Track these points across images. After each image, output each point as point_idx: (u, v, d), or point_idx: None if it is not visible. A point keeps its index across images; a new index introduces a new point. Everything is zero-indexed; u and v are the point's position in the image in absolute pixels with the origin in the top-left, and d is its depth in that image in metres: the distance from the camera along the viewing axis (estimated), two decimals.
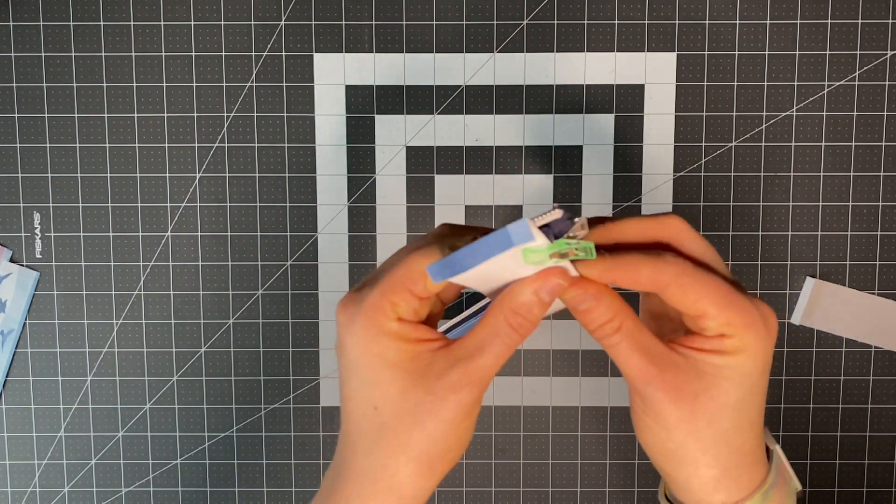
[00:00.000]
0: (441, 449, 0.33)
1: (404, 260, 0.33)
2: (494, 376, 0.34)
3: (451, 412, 0.32)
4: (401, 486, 0.33)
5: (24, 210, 0.55)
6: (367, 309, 0.32)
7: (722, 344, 0.32)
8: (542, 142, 0.55)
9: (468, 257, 0.30)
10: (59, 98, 0.55)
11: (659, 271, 0.32)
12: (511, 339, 0.32)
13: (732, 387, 0.33)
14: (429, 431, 0.32)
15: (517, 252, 0.30)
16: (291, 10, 0.54)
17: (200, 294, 0.56)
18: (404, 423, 0.32)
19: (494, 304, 0.33)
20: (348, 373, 0.34)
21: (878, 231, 0.56)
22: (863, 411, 0.57)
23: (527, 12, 0.54)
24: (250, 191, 0.56)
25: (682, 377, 0.32)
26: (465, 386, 0.32)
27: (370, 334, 0.32)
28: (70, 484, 0.57)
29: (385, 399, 0.33)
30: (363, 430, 0.34)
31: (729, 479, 0.34)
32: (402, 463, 0.33)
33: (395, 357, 0.32)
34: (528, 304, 0.32)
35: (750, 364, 0.33)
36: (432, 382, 0.32)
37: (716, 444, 0.33)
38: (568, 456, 0.57)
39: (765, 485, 0.35)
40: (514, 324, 0.32)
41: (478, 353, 0.32)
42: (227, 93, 0.55)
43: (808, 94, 0.55)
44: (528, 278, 0.32)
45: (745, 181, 0.55)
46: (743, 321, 0.32)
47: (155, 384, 0.57)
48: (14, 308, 0.56)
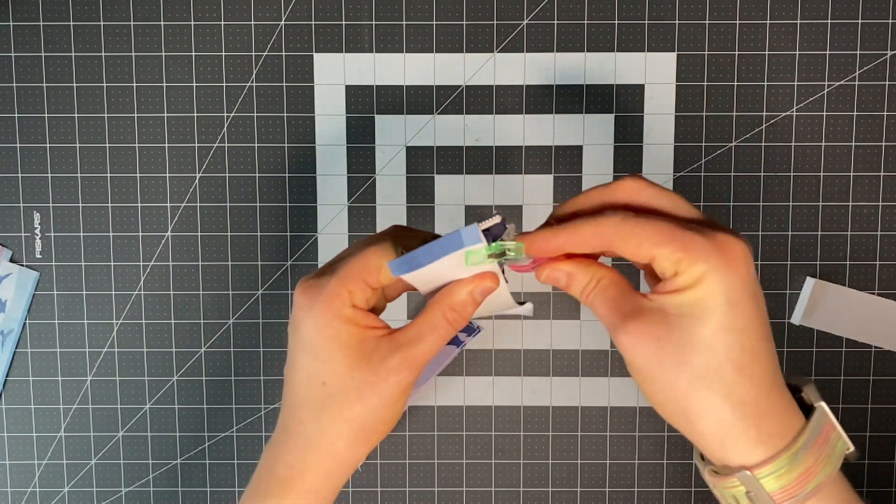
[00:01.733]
0: (377, 421, 0.37)
1: (361, 253, 0.37)
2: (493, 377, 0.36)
3: (390, 390, 0.36)
4: (338, 451, 0.37)
5: (24, 210, 0.55)
6: (327, 295, 0.36)
7: (676, 282, 0.32)
8: (542, 142, 0.55)
9: (424, 256, 0.34)
10: (59, 98, 0.55)
11: (599, 225, 0.33)
12: (446, 331, 0.37)
13: (697, 324, 0.32)
14: (369, 404, 0.36)
15: (461, 254, 0.34)
16: (291, 10, 0.54)
17: (200, 294, 0.56)
18: (349, 397, 0.37)
19: (433, 300, 0.37)
20: (301, 350, 0.37)
21: (878, 231, 0.56)
22: (863, 411, 0.57)
23: (527, 12, 0.54)
24: (250, 191, 0.56)
25: (648, 322, 0.32)
26: (404, 369, 0.36)
27: (327, 318, 0.36)
28: (70, 484, 0.57)
29: (333, 375, 0.36)
30: (309, 400, 0.37)
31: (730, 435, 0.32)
32: (343, 431, 0.37)
33: (347, 339, 0.36)
34: (463, 302, 0.37)
35: (712, 297, 0.32)
36: (376, 364, 0.36)
37: (696, 390, 0.32)
38: (568, 456, 0.57)
39: (795, 444, 0.32)
40: (450, 318, 0.37)
41: (417, 342, 0.37)
42: (227, 93, 0.55)
43: (808, 94, 0.55)
44: (465, 280, 0.36)
45: (745, 181, 0.55)
46: (690, 255, 0.32)
47: (155, 384, 0.57)
48: (14, 308, 0.56)
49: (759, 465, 0.32)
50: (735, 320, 0.32)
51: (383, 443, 0.57)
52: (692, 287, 0.32)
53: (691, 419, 0.33)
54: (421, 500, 0.57)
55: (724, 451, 0.33)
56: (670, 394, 0.33)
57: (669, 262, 0.32)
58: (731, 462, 0.33)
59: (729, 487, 0.33)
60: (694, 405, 0.32)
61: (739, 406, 0.32)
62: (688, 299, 0.32)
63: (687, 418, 0.33)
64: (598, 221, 0.33)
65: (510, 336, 0.56)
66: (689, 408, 0.32)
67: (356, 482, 0.57)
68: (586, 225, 0.33)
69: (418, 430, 0.57)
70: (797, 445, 0.32)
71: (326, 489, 0.38)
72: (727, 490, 0.33)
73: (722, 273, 0.32)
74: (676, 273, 0.32)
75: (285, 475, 0.38)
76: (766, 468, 0.32)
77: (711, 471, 0.34)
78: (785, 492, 0.32)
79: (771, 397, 0.33)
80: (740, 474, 0.32)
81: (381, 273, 0.36)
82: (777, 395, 0.33)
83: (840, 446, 0.34)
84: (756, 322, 0.32)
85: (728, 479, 0.33)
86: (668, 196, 0.35)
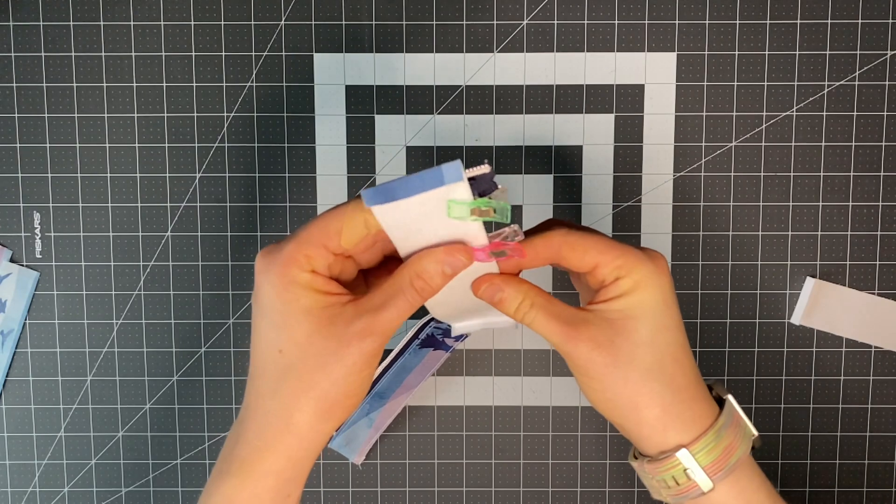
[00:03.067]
0: (340, 393, 0.35)
1: (321, 217, 0.36)
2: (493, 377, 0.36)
3: (354, 357, 0.35)
4: (300, 427, 0.36)
5: (24, 210, 0.55)
6: (283, 259, 0.35)
7: (618, 287, 0.37)
8: (542, 142, 0.55)
9: (400, 188, 0.32)
10: (59, 98, 0.55)
11: (548, 238, 0.37)
12: (413, 298, 0.35)
13: (640, 324, 0.37)
14: (331, 374, 0.35)
15: (443, 201, 0.32)
16: (291, 10, 0.54)
17: (200, 294, 0.56)
18: (308, 365, 0.35)
19: (402, 266, 0.36)
20: (259, 317, 0.36)
21: (878, 231, 0.56)
22: (863, 411, 0.57)
23: (527, 12, 0.54)
24: (250, 191, 0.56)
25: (596, 329, 0.37)
26: (368, 335, 0.35)
27: (283, 282, 0.35)
28: (70, 484, 0.57)
29: (291, 342, 0.35)
30: (268, 372, 0.36)
31: (671, 416, 0.37)
32: (304, 404, 0.35)
33: (306, 304, 0.35)
34: (431, 272, 0.35)
35: (649, 298, 0.37)
36: (339, 330, 0.35)
37: (646, 381, 0.37)
38: (568, 456, 0.57)
39: (717, 423, 0.38)
40: (417, 286, 0.35)
41: (383, 308, 0.35)
42: (227, 93, 0.55)
43: (808, 94, 0.55)
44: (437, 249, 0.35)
45: (745, 181, 0.55)
46: (629, 261, 0.36)
47: (155, 384, 0.57)
48: (14, 308, 0.56)
49: (692, 442, 0.37)
50: (669, 319, 0.37)
51: (384, 442, 0.57)
52: (634, 290, 0.36)
53: (640, 408, 0.37)
54: (421, 500, 0.57)
55: (666, 434, 0.37)
56: (621, 390, 0.37)
57: (611, 268, 0.37)
58: (670, 443, 0.38)
59: (669, 469, 0.38)
60: (644, 396, 0.37)
61: (678, 392, 0.37)
62: (630, 302, 0.37)
63: (636, 409, 0.37)
64: (548, 235, 0.37)
65: (510, 336, 0.56)
66: (640, 399, 0.37)
67: (356, 482, 0.57)
68: (536, 239, 0.37)
69: (418, 430, 0.57)
70: (719, 424, 0.38)
71: (289, 470, 0.37)
72: (668, 472, 0.38)
73: (656, 278, 0.37)
74: (618, 278, 0.37)
75: (244, 454, 0.36)
76: (698, 444, 0.37)
77: (649, 461, 0.39)
78: (715, 464, 0.37)
79: (697, 386, 0.38)
80: (680, 452, 0.37)
81: (343, 237, 0.35)
82: (700, 384, 0.39)
83: (747, 431, 0.40)
84: (680, 321, 0.38)
85: (668, 461, 0.38)
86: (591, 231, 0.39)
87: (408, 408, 0.57)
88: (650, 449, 0.39)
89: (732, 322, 0.56)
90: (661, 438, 0.38)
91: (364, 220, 0.35)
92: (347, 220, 0.35)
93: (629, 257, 0.37)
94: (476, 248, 0.35)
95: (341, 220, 0.35)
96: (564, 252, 0.37)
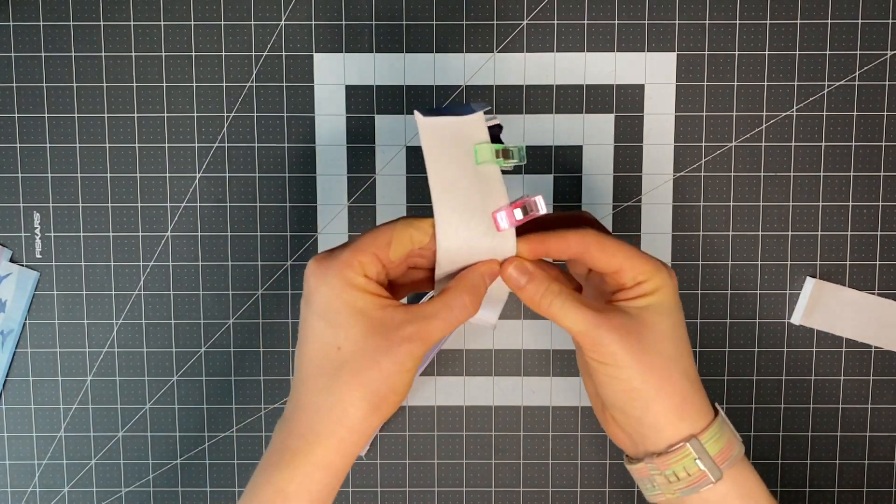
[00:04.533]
0: (389, 389, 0.38)
1: (373, 230, 0.39)
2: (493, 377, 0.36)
3: (403, 356, 0.38)
4: (350, 418, 0.38)
5: (24, 210, 0.55)
6: (340, 264, 0.38)
7: (641, 288, 0.39)
8: (542, 142, 0.55)
9: (443, 111, 0.39)
10: (59, 98, 0.55)
11: (582, 235, 0.39)
12: (461, 313, 0.39)
13: (662, 319, 0.39)
14: (383, 370, 0.37)
15: (470, 147, 0.38)
16: (291, 10, 0.54)
17: (200, 294, 0.56)
18: (362, 362, 0.38)
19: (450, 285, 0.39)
20: (315, 318, 0.39)
21: (878, 231, 0.56)
22: (863, 411, 0.57)
23: (527, 12, 0.54)
24: (250, 191, 0.56)
25: (623, 319, 0.39)
26: (417, 339, 0.38)
27: (341, 284, 0.38)
28: (70, 484, 0.57)
29: (349, 339, 0.38)
30: (323, 368, 0.38)
31: (689, 405, 0.39)
32: (356, 398, 0.38)
33: (362, 305, 0.38)
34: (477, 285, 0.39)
35: (667, 299, 0.40)
36: (391, 331, 0.38)
37: (669, 370, 0.39)
38: (568, 456, 0.57)
39: (719, 416, 0.40)
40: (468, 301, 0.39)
41: (433, 317, 0.38)
42: (227, 93, 0.55)
43: (808, 94, 0.55)
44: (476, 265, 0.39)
45: (745, 181, 0.55)
46: (650, 267, 0.39)
47: (155, 384, 0.57)
48: (14, 308, 0.56)
49: (702, 431, 0.39)
50: (681, 319, 0.40)
51: (383, 442, 0.57)
52: (655, 292, 0.39)
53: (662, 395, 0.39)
54: (421, 500, 0.57)
55: (681, 423, 0.39)
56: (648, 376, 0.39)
57: (635, 272, 0.39)
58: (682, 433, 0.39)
59: (680, 459, 0.39)
60: (667, 383, 0.39)
61: (694, 383, 0.40)
62: (651, 301, 0.39)
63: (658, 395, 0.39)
64: (582, 232, 0.39)
65: (510, 336, 0.56)
66: (664, 386, 0.39)
67: (356, 482, 0.57)
68: (571, 234, 0.39)
69: (418, 430, 0.57)
70: (721, 416, 0.41)
71: (338, 463, 0.39)
72: (679, 463, 0.39)
73: (671, 283, 0.40)
74: (639, 282, 0.39)
75: (296, 446, 0.38)
76: (707, 433, 0.39)
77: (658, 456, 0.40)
78: (721, 454, 0.39)
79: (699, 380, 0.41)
80: (691, 442, 0.39)
81: (392, 249, 0.38)
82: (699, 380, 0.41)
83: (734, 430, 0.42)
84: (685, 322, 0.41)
85: (679, 452, 0.39)
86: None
87: (408, 408, 0.57)
88: (659, 443, 0.40)
89: (732, 322, 0.56)
90: (675, 429, 0.39)
91: (410, 235, 0.39)
92: (397, 234, 0.39)
93: (651, 264, 0.40)
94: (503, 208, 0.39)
95: (391, 234, 0.39)
96: (594, 251, 0.39)
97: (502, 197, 0.39)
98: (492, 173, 0.39)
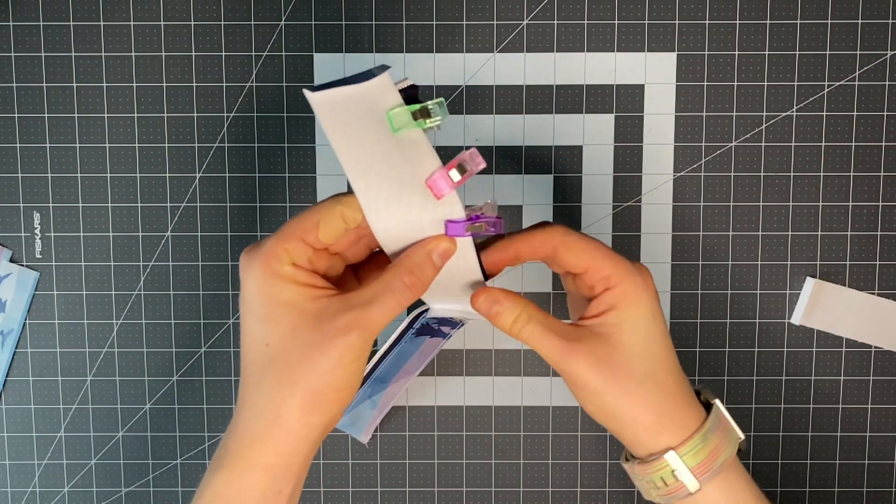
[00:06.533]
0: (327, 385, 0.35)
1: (299, 214, 0.36)
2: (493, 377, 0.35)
3: (339, 350, 0.35)
4: (287, 419, 0.36)
5: (24, 210, 0.55)
6: (264, 254, 0.36)
7: (607, 299, 0.38)
8: (542, 142, 0.55)
9: (337, 84, 0.33)
10: (59, 98, 0.55)
11: (547, 234, 0.38)
12: (403, 295, 0.36)
13: (632, 336, 0.38)
14: (315, 366, 0.35)
15: (383, 113, 0.33)
16: (291, 10, 0.54)
17: (200, 294, 0.56)
18: (292, 357, 0.35)
19: (391, 265, 0.36)
20: (245, 313, 0.36)
21: (878, 231, 0.56)
22: (863, 411, 0.57)
23: (527, 12, 0.54)
24: (250, 191, 0.56)
25: (592, 345, 0.38)
26: (354, 329, 0.35)
27: (265, 276, 0.35)
28: (70, 484, 0.57)
29: (276, 335, 0.35)
30: (255, 365, 0.36)
31: (666, 420, 0.39)
32: (288, 395, 0.35)
33: (290, 297, 0.35)
34: (420, 263, 0.36)
35: (637, 312, 0.38)
36: (324, 323, 0.35)
37: (642, 390, 0.38)
38: (568, 456, 0.57)
39: (703, 427, 0.39)
40: (408, 282, 0.36)
41: (371, 303, 0.35)
42: (227, 93, 0.55)
43: (808, 94, 0.55)
44: (422, 241, 0.36)
45: (745, 181, 0.55)
46: (618, 270, 0.38)
47: (155, 384, 0.57)
48: (14, 308, 0.56)
49: (680, 444, 0.39)
50: (657, 330, 0.39)
51: (383, 442, 0.57)
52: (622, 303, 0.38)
53: (637, 416, 0.39)
54: (421, 500, 0.57)
55: (658, 437, 0.39)
56: (621, 400, 0.38)
57: (601, 275, 0.38)
58: (660, 446, 0.39)
59: (658, 470, 0.39)
60: (641, 405, 0.39)
61: (670, 398, 0.39)
62: (621, 316, 0.38)
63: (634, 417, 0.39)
64: (547, 230, 0.39)
65: (510, 336, 0.56)
66: (637, 408, 0.39)
67: (356, 482, 0.57)
68: (536, 234, 0.39)
69: (418, 430, 0.57)
70: (706, 428, 0.39)
71: (279, 464, 0.36)
72: (657, 473, 0.39)
73: (641, 292, 0.38)
74: (607, 288, 0.38)
75: (234, 448, 0.37)
76: (686, 446, 0.39)
77: (639, 462, 0.40)
78: (702, 466, 0.39)
79: (686, 391, 0.40)
80: (668, 454, 0.39)
81: (321, 230, 0.36)
82: (688, 389, 0.40)
83: (734, 434, 0.41)
84: (666, 331, 0.40)
85: (657, 463, 0.39)
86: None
87: (408, 408, 0.57)
88: (641, 452, 0.40)
89: (732, 322, 0.56)
90: (654, 442, 0.39)
91: (340, 213, 0.36)
92: (324, 213, 0.36)
93: (619, 268, 0.38)
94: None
95: (318, 214, 0.36)
96: (561, 251, 0.38)
97: (434, 161, 0.35)
98: (416, 138, 0.34)
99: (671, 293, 0.56)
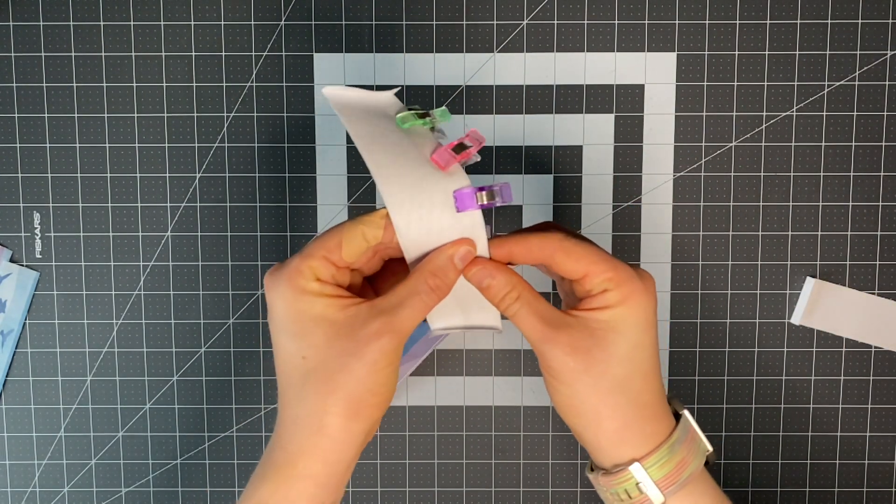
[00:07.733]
0: (365, 390, 0.36)
1: (321, 235, 0.38)
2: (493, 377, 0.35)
3: (373, 355, 0.36)
4: (331, 428, 0.37)
5: (24, 210, 0.55)
6: (290, 273, 0.37)
7: (605, 298, 0.38)
8: (542, 142, 0.55)
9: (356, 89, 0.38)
10: (59, 98, 0.55)
11: (545, 238, 0.38)
12: (429, 297, 0.37)
13: (620, 338, 0.38)
14: (353, 373, 0.36)
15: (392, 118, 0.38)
16: (291, 10, 0.54)
17: (200, 294, 0.56)
18: (329, 367, 0.36)
19: (415, 269, 0.38)
20: (278, 333, 0.37)
21: (878, 231, 0.56)
22: (863, 411, 0.57)
23: (527, 12, 0.54)
24: (250, 191, 0.56)
25: (576, 335, 0.37)
26: (385, 333, 0.36)
27: (294, 293, 0.37)
28: (70, 484, 0.57)
29: (311, 348, 0.36)
30: (293, 380, 0.37)
31: (631, 431, 0.38)
32: (330, 405, 0.36)
33: (320, 310, 0.36)
34: (443, 267, 0.37)
35: (632, 316, 0.38)
36: (356, 330, 0.36)
37: (613, 394, 0.38)
38: (568, 456, 0.57)
39: (670, 439, 0.39)
40: (433, 284, 0.37)
41: (399, 307, 0.37)
42: (227, 93, 0.55)
43: (808, 94, 0.55)
44: (445, 245, 0.37)
45: (745, 181, 0.55)
46: (619, 276, 0.38)
47: (155, 384, 0.57)
48: (14, 308, 0.56)
49: (645, 456, 0.38)
50: (647, 339, 0.38)
51: (383, 442, 0.57)
52: (619, 305, 0.37)
53: (602, 419, 0.38)
54: (421, 500, 0.57)
55: (621, 446, 0.38)
56: (588, 397, 0.38)
57: (600, 279, 0.38)
58: (624, 457, 0.38)
59: (622, 482, 0.39)
60: (608, 407, 0.38)
61: (641, 409, 0.38)
62: (613, 315, 0.38)
63: (598, 418, 0.38)
64: (545, 235, 0.38)
65: (510, 336, 0.56)
66: (604, 409, 0.38)
67: (356, 482, 0.57)
68: (533, 237, 0.38)
69: (418, 430, 0.57)
70: (672, 440, 0.39)
71: (325, 474, 0.37)
72: (620, 486, 0.39)
73: (641, 297, 0.38)
74: (605, 290, 0.38)
75: (280, 459, 0.37)
76: (651, 458, 0.38)
77: (604, 473, 0.40)
78: (667, 478, 0.38)
79: (660, 404, 0.39)
80: (633, 466, 0.38)
81: (343, 249, 0.37)
82: (662, 402, 0.40)
83: (702, 446, 0.40)
84: (656, 342, 0.39)
85: (621, 475, 0.38)
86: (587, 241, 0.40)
87: (408, 408, 0.57)
88: (605, 461, 0.40)
89: (732, 322, 0.56)
90: (617, 451, 0.39)
91: (362, 232, 0.37)
92: (346, 234, 0.37)
93: (619, 272, 0.38)
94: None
95: (340, 234, 0.37)
96: (559, 257, 0.38)
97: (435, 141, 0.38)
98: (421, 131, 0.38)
99: (671, 293, 0.56)
